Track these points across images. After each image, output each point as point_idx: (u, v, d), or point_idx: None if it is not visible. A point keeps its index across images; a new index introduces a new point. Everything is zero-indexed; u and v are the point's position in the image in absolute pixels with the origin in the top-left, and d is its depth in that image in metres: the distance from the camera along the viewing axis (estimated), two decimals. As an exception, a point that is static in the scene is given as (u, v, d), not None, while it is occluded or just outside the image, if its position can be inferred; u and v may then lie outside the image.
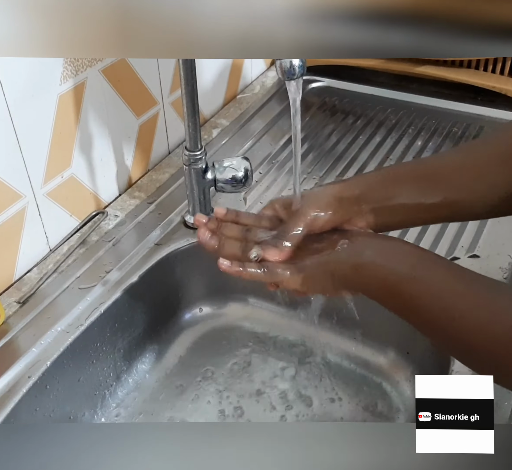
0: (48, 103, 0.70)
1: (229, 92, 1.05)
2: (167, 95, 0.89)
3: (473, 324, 0.44)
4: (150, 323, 0.77)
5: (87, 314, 0.68)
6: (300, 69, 0.53)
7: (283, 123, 0.99)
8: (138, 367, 0.76)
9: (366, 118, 1.01)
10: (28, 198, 0.71)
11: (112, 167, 0.83)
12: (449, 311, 0.45)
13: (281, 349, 0.78)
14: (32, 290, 0.70)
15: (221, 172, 0.74)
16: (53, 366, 0.64)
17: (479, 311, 0.44)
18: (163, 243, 0.77)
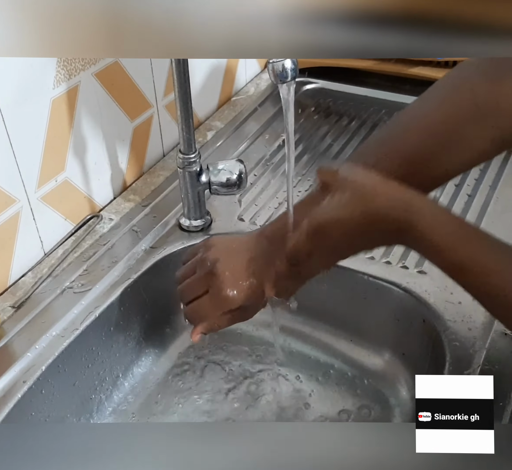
0: (41, 107, 0.70)
1: (223, 95, 1.05)
2: (161, 98, 0.89)
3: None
4: (145, 326, 0.77)
5: (82, 318, 0.68)
6: (292, 72, 0.53)
7: (277, 125, 0.99)
8: (134, 371, 0.76)
9: (360, 120, 1.01)
10: (22, 202, 0.71)
11: (106, 170, 0.83)
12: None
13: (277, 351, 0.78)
14: (27, 295, 0.70)
15: (215, 175, 0.74)
16: (48, 371, 0.63)
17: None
18: (158, 246, 0.77)
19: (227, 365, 0.77)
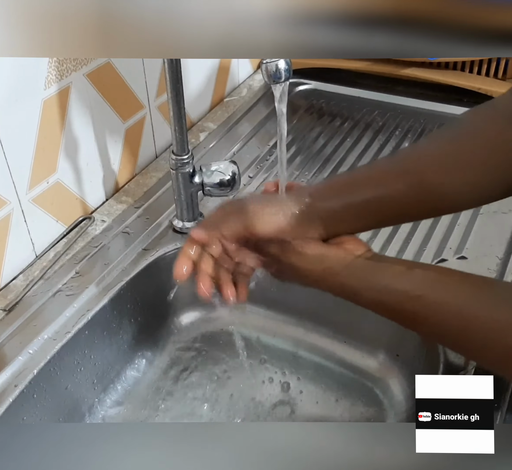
0: (32, 108, 0.69)
1: (216, 96, 1.05)
2: (153, 99, 0.88)
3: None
4: (139, 329, 0.76)
5: (74, 321, 0.67)
6: (286, 72, 0.53)
7: (270, 126, 0.98)
8: (127, 373, 0.75)
9: (353, 121, 1.01)
10: (13, 204, 0.70)
11: (98, 172, 0.82)
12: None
13: (271, 354, 0.77)
14: (18, 298, 0.69)
15: (208, 176, 0.74)
16: (40, 375, 0.63)
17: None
18: (151, 248, 0.76)
19: (221, 368, 0.76)
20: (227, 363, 0.77)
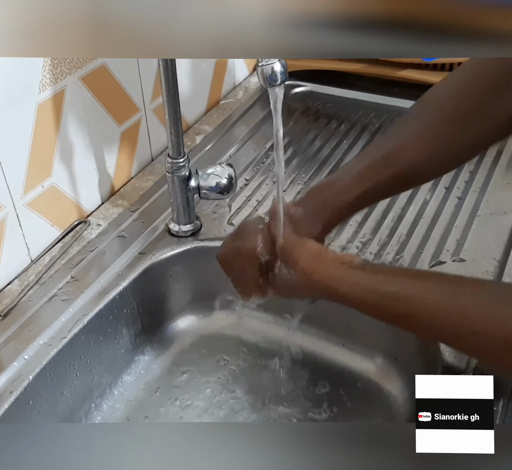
0: (26, 112, 0.69)
1: (212, 98, 1.04)
2: (149, 102, 0.88)
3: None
4: (135, 333, 0.76)
5: (70, 326, 0.67)
6: (282, 75, 0.52)
7: (266, 129, 0.98)
8: (123, 378, 0.75)
9: (350, 123, 1.01)
10: (8, 208, 0.69)
11: (94, 175, 0.82)
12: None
13: (268, 357, 0.77)
14: (13, 303, 0.69)
15: (204, 179, 0.73)
16: (36, 381, 0.62)
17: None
18: (147, 251, 0.76)
19: (219, 373, 0.76)
20: (225, 367, 0.77)
